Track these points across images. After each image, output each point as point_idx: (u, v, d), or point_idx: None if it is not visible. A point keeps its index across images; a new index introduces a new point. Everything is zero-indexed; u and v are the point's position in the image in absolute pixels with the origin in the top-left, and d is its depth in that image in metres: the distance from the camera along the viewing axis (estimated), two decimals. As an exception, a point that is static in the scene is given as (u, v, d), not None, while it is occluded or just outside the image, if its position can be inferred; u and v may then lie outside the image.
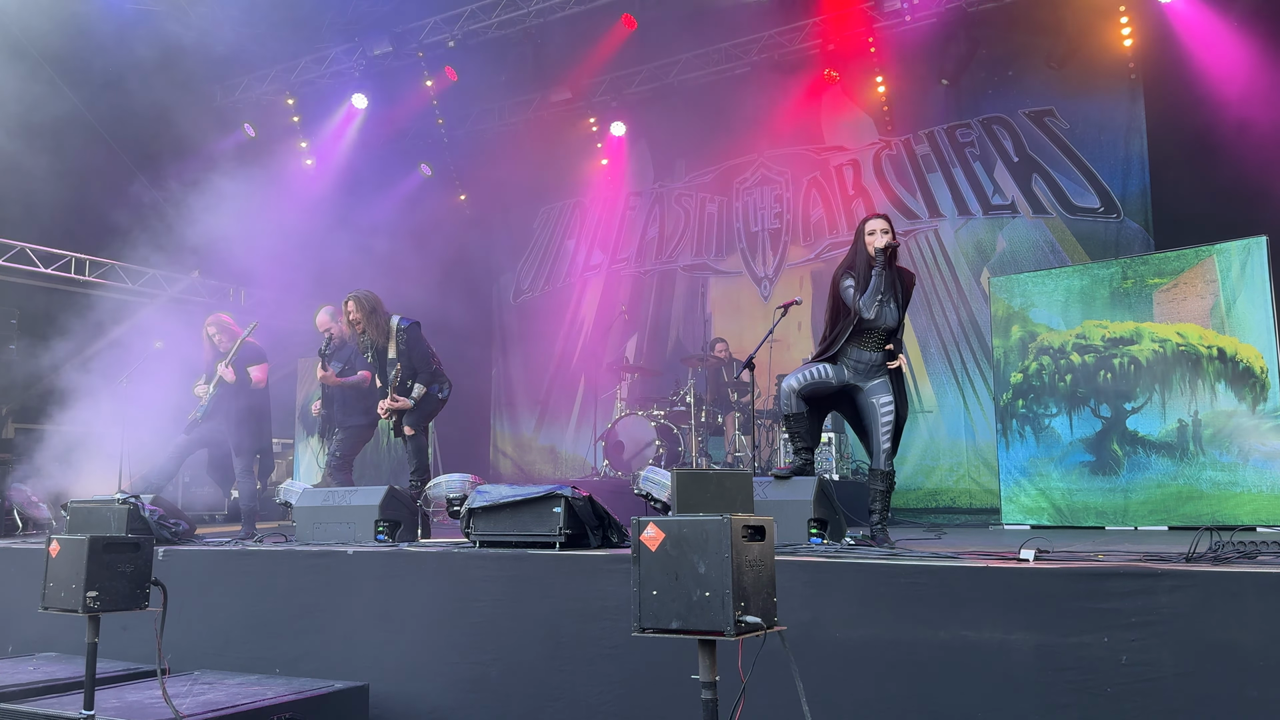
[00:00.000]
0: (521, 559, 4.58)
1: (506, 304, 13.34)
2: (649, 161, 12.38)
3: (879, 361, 5.00)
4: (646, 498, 5.29)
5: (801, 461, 5.09)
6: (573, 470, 12.04)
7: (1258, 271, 6.37)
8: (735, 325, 11.11)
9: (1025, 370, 7.18)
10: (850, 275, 4.97)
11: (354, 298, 6.63)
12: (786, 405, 5.15)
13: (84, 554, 3.69)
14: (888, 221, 4.97)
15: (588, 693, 4.20)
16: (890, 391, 4.98)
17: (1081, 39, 9.49)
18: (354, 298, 6.63)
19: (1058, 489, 6.94)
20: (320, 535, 5.69)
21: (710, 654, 2.57)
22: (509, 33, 10.58)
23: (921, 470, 9.92)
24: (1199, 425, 6.45)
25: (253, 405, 6.87)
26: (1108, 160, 9.57)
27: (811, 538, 4.65)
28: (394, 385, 6.57)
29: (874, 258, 4.87)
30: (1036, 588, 3.44)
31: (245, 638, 5.21)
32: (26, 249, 10.23)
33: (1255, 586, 3.12)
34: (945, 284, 10.28)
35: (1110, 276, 6.97)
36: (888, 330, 4.97)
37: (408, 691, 4.68)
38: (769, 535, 2.66)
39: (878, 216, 5.02)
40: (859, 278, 4.92)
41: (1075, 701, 3.28)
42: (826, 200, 11.14)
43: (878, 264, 4.86)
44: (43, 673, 4.96)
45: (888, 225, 4.95)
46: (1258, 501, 6.19)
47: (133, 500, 5.68)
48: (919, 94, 10.50)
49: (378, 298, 6.68)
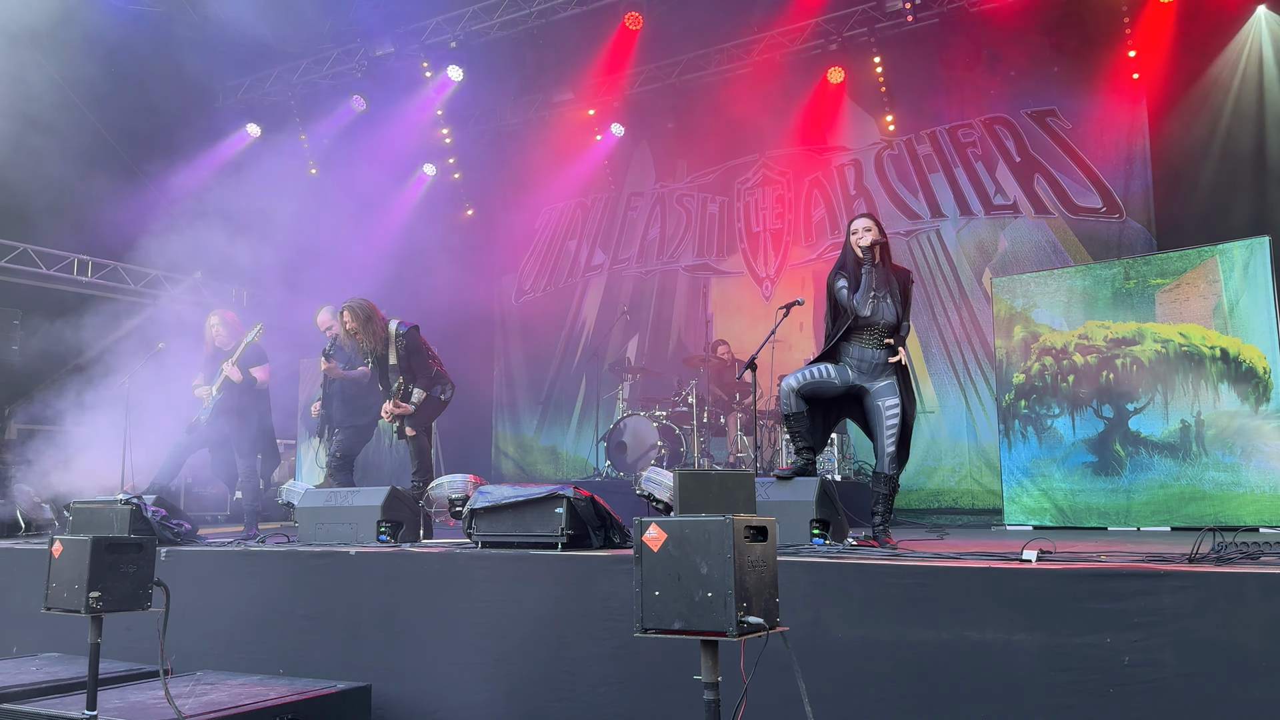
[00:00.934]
0: (523, 559, 4.58)
1: (508, 304, 13.34)
2: (650, 161, 12.38)
3: (882, 360, 4.99)
4: (648, 498, 5.29)
5: (803, 462, 5.08)
6: (574, 471, 12.04)
7: (1260, 272, 6.36)
8: (737, 325, 11.10)
9: (1028, 371, 7.17)
10: (842, 275, 5.06)
11: (348, 308, 6.46)
12: (786, 405, 5.16)
13: (87, 554, 3.69)
14: (872, 220, 5.07)
15: (590, 693, 4.20)
16: (897, 394, 4.96)
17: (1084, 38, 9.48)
18: (348, 308, 6.46)
19: (1060, 490, 6.93)
20: (322, 536, 5.70)
21: (712, 655, 2.57)
22: (511, 33, 10.60)
23: (924, 471, 9.91)
24: (1201, 426, 6.44)
25: (255, 405, 6.88)
26: (1110, 160, 9.56)
27: (814, 538, 4.64)
28: (396, 393, 6.54)
29: (862, 256, 4.96)
30: (1039, 588, 3.44)
31: (248, 638, 5.21)
32: (29, 250, 10.25)
33: (1258, 587, 3.12)
34: (947, 284, 10.27)
35: (1113, 277, 6.96)
36: (888, 326, 4.97)
37: (410, 692, 4.68)
38: (771, 536, 2.66)
39: (861, 216, 5.13)
40: (850, 277, 5.01)
41: (1078, 702, 3.28)
42: (828, 200, 11.14)
43: (866, 261, 4.94)
44: (46, 673, 4.96)
45: (871, 224, 5.04)
46: (1260, 502, 6.18)
47: (135, 501, 5.69)
48: (921, 94, 10.50)
49: (372, 305, 6.53)
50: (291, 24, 10.40)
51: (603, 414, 11.01)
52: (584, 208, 12.89)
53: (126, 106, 9.83)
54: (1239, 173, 8.00)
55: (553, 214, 13.11)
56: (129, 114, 9.98)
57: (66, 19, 9.26)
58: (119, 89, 9.54)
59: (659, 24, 10.58)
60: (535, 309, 13.07)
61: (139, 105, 9.85)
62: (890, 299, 4.96)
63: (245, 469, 6.90)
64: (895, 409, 4.94)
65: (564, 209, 13.02)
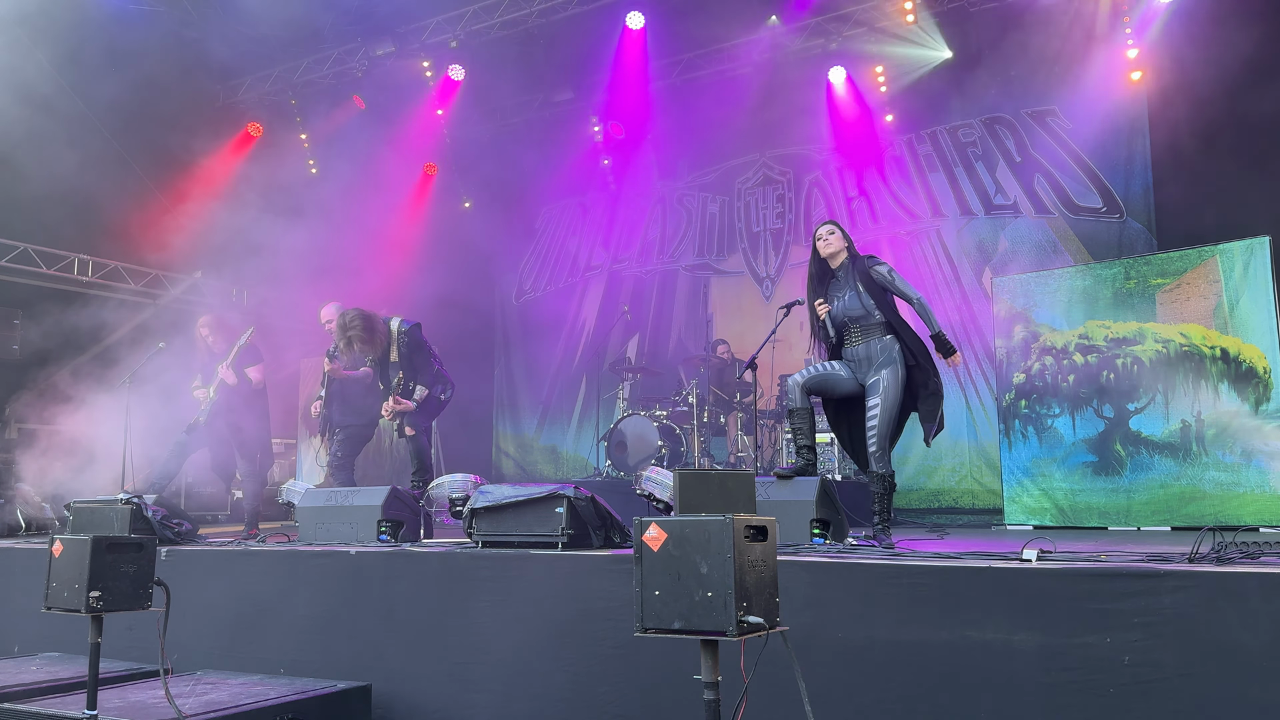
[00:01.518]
0: (524, 559, 4.58)
1: (509, 304, 13.34)
2: (651, 161, 12.38)
3: (867, 355, 5.09)
4: (649, 498, 5.29)
5: (804, 462, 5.11)
6: (575, 470, 12.04)
7: (1260, 272, 6.36)
8: (737, 325, 11.11)
9: (1028, 370, 7.17)
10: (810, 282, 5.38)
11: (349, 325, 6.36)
12: (790, 400, 5.22)
13: (87, 554, 3.69)
14: (834, 225, 5.34)
15: (590, 693, 4.20)
16: (879, 391, 5.00)
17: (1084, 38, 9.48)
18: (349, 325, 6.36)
19: (1060, 489, 6.93)
20: (323, 535, 5.70)
21: (712, 654, 2.57)
22: (512, 33, 10.59)
23: (924, 471, 9.91)
24: (1202, 425, 6.44)
25: (252, 405, 6.89)
26: (1110, 160, 9.56)
27: (814, 538, 4.65)
28: (396, 389, 6.54)
29: (825, 261, 5.27)
30: (1039, 588, 3.44)
31: (248, 638, 5.21)
32: (29, 249, 10.25)
33: (1258, 587, 3.11)
34: (947, 284, 10.27)
35: (1113, 277, 6.96)
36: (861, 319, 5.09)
37: (411, 692, 4.68)
38: (771, 535, 2.66)
39: (823, 224, 5.39)
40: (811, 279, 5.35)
41: (1078, 702, 3.28)
42: (828, 200, 11.14)
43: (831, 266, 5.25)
44: (46, 673, 4.96)
45: (833, 227, 5.31)
46: (1261, 502, 6.18)
47: (136, 500, 5.69)
48: (921, 93, 10.49)
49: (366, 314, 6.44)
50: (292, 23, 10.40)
51: (603, 414, 11.01)
52: (584, 207, 12.89)
53: (128, 105, 9.82)
54: (1240, 172, 7.99)
55: (553, 213, 13.11)
56: (131, 113, 9.97)
57: (68, 18, 9.27)
58: (121, 88, 9.54)
59: (660, 23, 10.58)
60: (536, 308, 13.07)
61: (141, 104, 9.85)
62: (855, 293, 5.12)
63: (245, 469, 6.91)
64: (875, 408, 4.99)
65: (564, 208, 13.02)
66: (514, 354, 13.18)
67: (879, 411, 4.98)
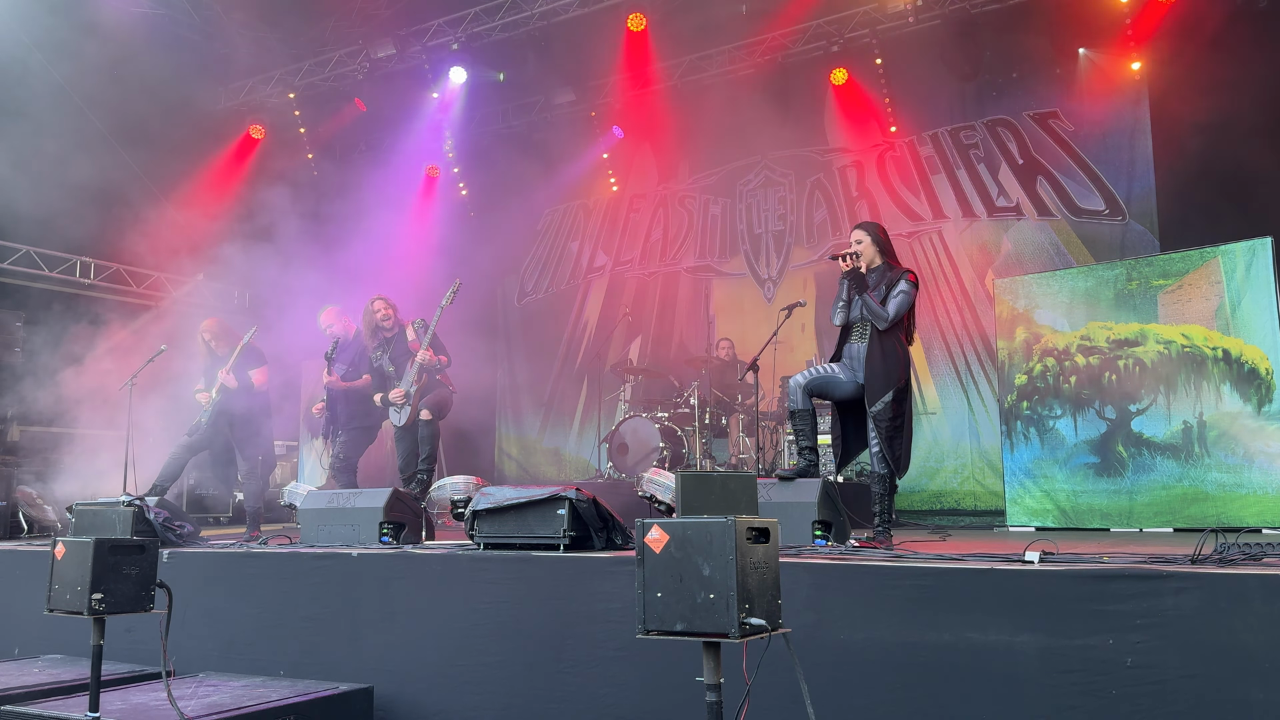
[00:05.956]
0: (526, 561, 4.58)
1: (511, 306, 13.35)
2: (653, 163, 12.39)
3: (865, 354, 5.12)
4: (650, 500, 5.29)
5: (805, 463, 5.11)
6: (576, 472, 12.04)
7: (1262, 273, 6.35)
8: (739, 327, 11.10)
9: (1030, 372, 7.16)
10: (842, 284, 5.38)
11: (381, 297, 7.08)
12: (792, 401, 5.24)
13: (89, 556, 3.70)
14: (860, 231, 5.30)
15: (593, 695, 4.20)
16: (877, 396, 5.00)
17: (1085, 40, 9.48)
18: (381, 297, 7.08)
19: (1062, 491, 6.92)
20: (325, 537, 5.70)
21: (715, 656, 2.57)
22: (513, 35, 10.59)
23: (926, 472, 9.90)
24: (1204, 427, 6.43)
25: (254, 408, 6.90)
26: (1112, 162, 9.56)
27: (816, 540, 4.65)
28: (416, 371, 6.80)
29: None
30: (1041, 590, 3.44)
31: (250, 640, 5.22)
32: (32, 252, 10.26)
33: (1261, 588, 3.11)
34: (949, 286, 10.27)
35: (1115, 278, 6.95)
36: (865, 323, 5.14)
37: (412, 693, 4.68)
38: (773, 537, 2.66)
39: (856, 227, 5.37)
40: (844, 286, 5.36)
41: (1080, 704, 3.28)
42: (830, 202, 11.14)
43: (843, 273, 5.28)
44: (48, 675, 4.97)
45: (861, 235, 5.28)
46: (1263, 503, 6.17)
47: (138, 503, 5.70)
48: (923, 96, 10.50)
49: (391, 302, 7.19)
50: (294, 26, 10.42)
51: (605, 415, 11.01)
52: (586, 209, 12.89)
53: (129, 108, 9.83)
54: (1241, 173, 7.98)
55: (555, 215, 13.12)
56: (132, 115, 9.98)
57: (69, 21, 9.28)
58: (122, 90, 9.55)
59: (661, 25, 10.59)
60: (537, 310, 13.08)
61: (142, 107, 9.85)
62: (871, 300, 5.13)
63: (247, 471, 6.92)
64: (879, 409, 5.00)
65: (566, 210, 13.03)
66: (516, 356, 13.19)
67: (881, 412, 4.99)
